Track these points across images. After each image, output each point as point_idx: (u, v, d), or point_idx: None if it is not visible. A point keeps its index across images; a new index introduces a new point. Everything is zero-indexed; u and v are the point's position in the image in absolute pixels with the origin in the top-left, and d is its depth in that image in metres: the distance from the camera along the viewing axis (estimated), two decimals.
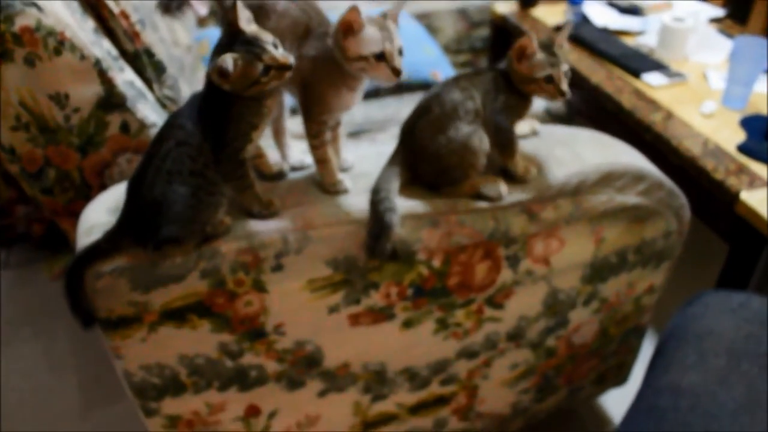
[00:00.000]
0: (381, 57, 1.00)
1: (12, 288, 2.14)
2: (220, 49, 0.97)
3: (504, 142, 1.14)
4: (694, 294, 1.17)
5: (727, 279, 1.60)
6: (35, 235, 2.21)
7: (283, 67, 0.97)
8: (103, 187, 1.20)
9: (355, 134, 1.82)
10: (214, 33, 2.19)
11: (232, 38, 0.97)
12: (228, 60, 0.92)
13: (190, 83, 1.66)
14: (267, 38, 0.97)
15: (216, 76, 0.94)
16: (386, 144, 1.18)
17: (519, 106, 1.15)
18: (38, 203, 1.19)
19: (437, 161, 1.11)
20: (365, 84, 1.10)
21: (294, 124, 1.19)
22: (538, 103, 2.99)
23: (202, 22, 2.41)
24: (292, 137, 1.21)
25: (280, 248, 1.04)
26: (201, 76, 1.84)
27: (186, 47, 1.80)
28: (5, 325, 1.96)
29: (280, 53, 0.97)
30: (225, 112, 1.00)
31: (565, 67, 1.11)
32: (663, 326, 1.15)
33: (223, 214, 1.04)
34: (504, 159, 1.16)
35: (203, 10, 2.42)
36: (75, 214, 1.14)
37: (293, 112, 1.22)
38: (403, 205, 1.09)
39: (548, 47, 1.12)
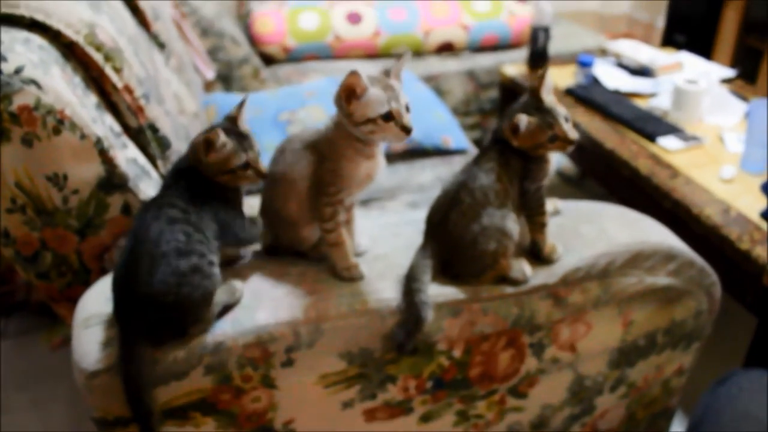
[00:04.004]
0: (389, 117, 0.96)
1: (11, 357, 2.07)
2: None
3: (533, 205, 1.08)
4: (721, 371, 1.11)
5: (757, 355, 1.52)
6: (35, 302, 2.15)
7: (258, 174, 1.02)
8: (103, 271, 1.14)
9: (365, 202, 1.76)
10: (221, 98, 2.16)
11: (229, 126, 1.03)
12: (220, 134, 0.98)
13: None
14: (255, 142, 1.03)
15: (202, 146, 0.98)
16: (398, 214, 1.13)
17: (539, 165, 1.08)
18: (33, 288, 1.13)
19: (472, 250, 1.04)
20: (381, 149, 1.05)
21: None
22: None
23: (209, 86, 2.39)
24: None
25: (291, 342, 0.97)
26: None
27: (193, 114, 1.76)
28: (4, 393, 1.90)
29: (261, 162, 1.03)
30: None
31: (563, 114, 1.03)
32: (688, 404, 1.08)
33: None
34: (533, 229, 1.09)
35: (210, 74, 2.40)
36: (73, 300, 1.08)
37: None
38: None
39: (535, 105, 1.04)
